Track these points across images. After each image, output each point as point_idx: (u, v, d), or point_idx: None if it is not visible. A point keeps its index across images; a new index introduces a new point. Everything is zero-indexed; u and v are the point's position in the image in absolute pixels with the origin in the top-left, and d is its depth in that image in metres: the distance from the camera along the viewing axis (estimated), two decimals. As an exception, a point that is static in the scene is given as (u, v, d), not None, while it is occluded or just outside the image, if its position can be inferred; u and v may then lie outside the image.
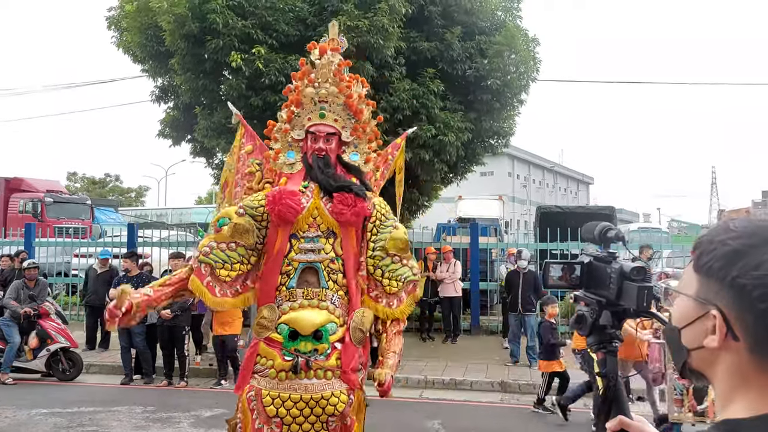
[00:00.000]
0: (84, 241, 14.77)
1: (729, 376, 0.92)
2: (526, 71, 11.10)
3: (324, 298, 3.25)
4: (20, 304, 8.67)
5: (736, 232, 0.93)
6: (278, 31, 9.20)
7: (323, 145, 3.50)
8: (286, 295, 3.26)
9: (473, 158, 12.20)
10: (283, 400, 3.09)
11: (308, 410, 3.09)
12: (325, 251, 3.31)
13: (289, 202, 3.29)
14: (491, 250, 12.77)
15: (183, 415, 7.10)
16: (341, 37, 3.81)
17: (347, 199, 3.34)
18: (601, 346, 1.42)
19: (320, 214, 3.37)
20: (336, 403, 3.12)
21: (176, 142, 12.08)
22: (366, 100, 3.71)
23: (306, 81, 3.60)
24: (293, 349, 3.14)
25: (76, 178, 47.92)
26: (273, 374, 3.14)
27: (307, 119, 3.58)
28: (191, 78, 9.65)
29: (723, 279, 0.91)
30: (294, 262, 3.29)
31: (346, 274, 3.33)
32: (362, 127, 3.65)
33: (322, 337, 3.15)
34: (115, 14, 11.25)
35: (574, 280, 1.45)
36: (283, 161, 3.60)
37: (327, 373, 3.15)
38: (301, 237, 3.32)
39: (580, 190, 66.98)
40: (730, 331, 0.90)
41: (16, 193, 21.36)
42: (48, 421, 6.75)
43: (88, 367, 9.20)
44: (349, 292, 3.33)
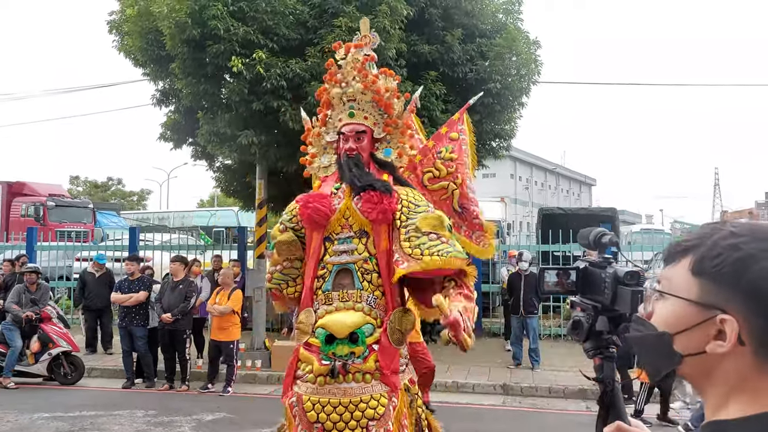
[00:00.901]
0: (86, 244, 14.78)
1: (726, 381, 0.91)
2: (528, 74, 11.09)
3: (359, 299, 3.19)
4: (22, 308, 8.68)
5: (746, 236, 0.91)
6: (279, 35, 9.20)
7: (353, 144, 3.44)
8: (322, 299, 3.24)
9: (474, 161, 12.20)
10: (323, 405, 3.06)
11: (348, 415, 3.05)
12: (358, 251, 3.26)
13: (317, 205, 3.28)
14: (493, 252, 12.75)
15: (185, 419, 7.09)
16: (373, 33, 3.75)
17: (372, 197, 3.27)
18: (597, 351, 1.41)
19: (352, 214, 3.32)
20: (375, 407, 3.07)
21: (177, 145, 12.10)
22: (396, 93, 3.60)
23: (333, 82, 3.56)
24: (330, 352, 3.10)
25: (79, 182, 48.07)
26: (312, 379, 3.11)
27: (338, 120, 3.55)
28: (192, 82, 9.65)
29: (736, 284, 0.88)
30: (328, 265, 3.26)
31: (381, 273, 3.25)
32: (394, 121, 3.56)
33: (358, 340, 3.10)
34: (117, 18, 11.26)
35: (569, 285, 1.45)
36: (318, 165, 3.60)
37: (366, 376, 3.10)
38: (335, 239, 3.30)
39: (582, 191, 66.93)
40: (737, 336, 0.88)
41: (18, 197, 21.43)
42: (50, 426, 6.75)
43: (89, 371, 9.20)
44: (385, 291, 3.25)
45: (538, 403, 8.13)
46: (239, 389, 8.57)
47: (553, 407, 7.95)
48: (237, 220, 23.93)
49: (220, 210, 31.12)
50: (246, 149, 9.42)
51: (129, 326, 8.72)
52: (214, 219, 26.87)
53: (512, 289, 9.86)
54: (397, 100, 3.58)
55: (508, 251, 11.73)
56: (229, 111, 9.60)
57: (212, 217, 27.77)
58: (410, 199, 3.35)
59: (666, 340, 0.96)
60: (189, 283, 8.77)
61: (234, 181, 12.91)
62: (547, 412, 7.79)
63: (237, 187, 13.04)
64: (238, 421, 7.13)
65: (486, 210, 17.11)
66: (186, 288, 8.63)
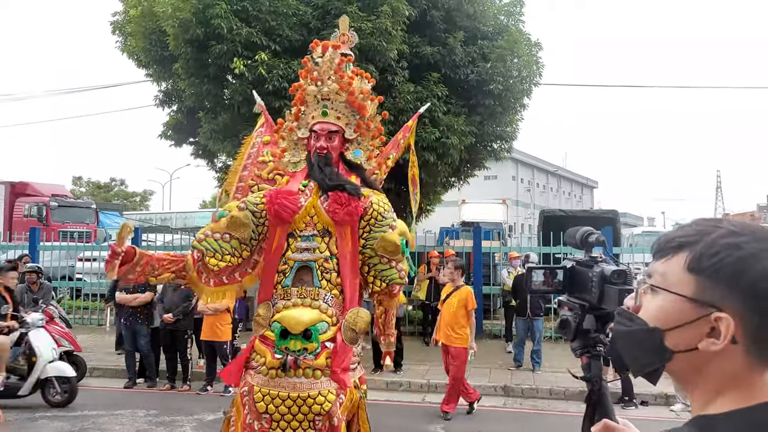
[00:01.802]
0: (88, 245, 14.83)
1: (716, 378, 0.91)
2: (529, 75, 11.12)
3: (317, 297, 3.26)
4: (24, 308, 8.70)
5: (747, 236, 0.90)
6: (281, 35, 9.24)
7: (325, 143, 3.49)
8: (281, 294, 3.29)
9: (476, 162, 12.22)
10: (273, 397, 3.12)
11: (296, 408, 3.11)
12: (320, 250, 3.33)
13: (285, 201, 3.31)
14: (494, 254, 12.76)
15: (186, 419, 7.11)
16: (351, 32, 3.80)
17: (341, 198, 3.33)
18: (585, 350, 1.42)
19: (317, 212, 3.38)
20: (323, 402, 3.13)
21: (178, 144, 12.15)
22: (371, 95, 3.68)
23: (309, 79, 3.60)
24: (283, 347, 3.16)
25: (82, 183, 48.20)
26: (264, 371, 3.17)
27: (311, 117, 3.59)
28: (195, 83, 9.71)
29: (736, 283, 0.88)
30: (290, 261, 3.31)
31: (341, 273, 3.33)
32: (366, 123, 3.62)
33: (311, 336, 3.16)
34: (120, 19, 11.33)
35: (556, 284, 1.46)
36: (288, 160, 3.62)
37: (316, 372, 3.16)
38: (298, 236, 3.34)
39: (584, 194, 66.81)
40: None
41: (21, 197, 21.49)
42: (51, 425, 6.77)
43: (91, 370, 9.22)
44: (343, 291, 3.33)
45: (539, 405, 8.13)
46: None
47: (554, 409, 7.95)
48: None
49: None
50: None
51: (134, 325, 8.75)
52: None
53: (518, 291, 9.78)
54: (371, 103, 3.64)
55: (509, 253, 11.73)
56: (231, 111, 9.64)
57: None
58: (379, 209, 3.44)
59: (657, 336, 0.94)
60: (190, 283, 8.79)
61: (236, 181, 12.94)
62: (548, 414, 7.79)
63: (239, 187, 13.07)
64: (238, 421, 7.15)
65: (488, 212, 17.10)
66: (187, 288, 8.64)
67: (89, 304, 13.31)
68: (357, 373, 3.43)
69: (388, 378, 8.92)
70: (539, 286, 1.47)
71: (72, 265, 14.27)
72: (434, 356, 10.46)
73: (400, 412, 7.67)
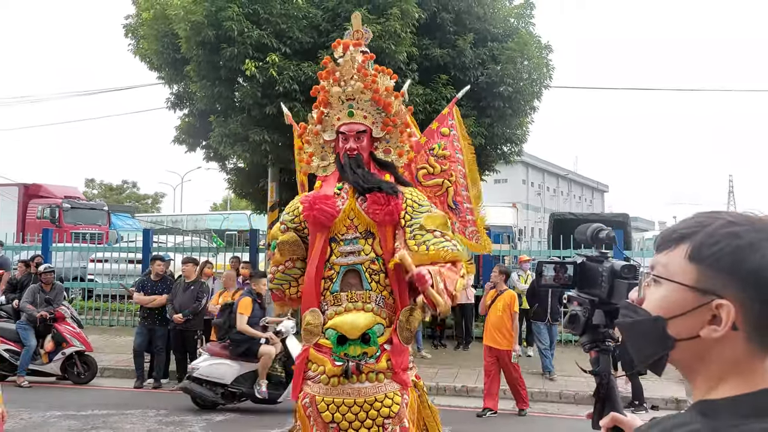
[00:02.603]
0: (100, 246, 14.94)
1: (718, 365, 0.92)
2: (539, 78, 11.10)
3: (368, 300, 3.22)
4: (36, 308, 8.79)
5: (745, 225, 0.93)
6: (292, 38, 9.29)
7: (354, 144, 3.44)
8: (330, 300, 3.26)
9: (486, 164, 12.20)
10: (338, 405, 3.09)
11: (363, 414, 3.08)
12: (365, 252, 3.29)
13: (324, 206, 3.28)
14: (504, 258, 12.73)
15: (195, 419, 7.14)
16: (365, 28, 3.78)
17: (379, 198, 3.29)
18: (594, 345, 1.43)
19: (356, 215, 3.34)
20: (390, 405, 3.11)
21: (191, 148, 12.22)
22: (394, 92, 3.61)
23: (331, 80, 3.54)
24: (343, 353, 3.13)
25: (94, 185, 48.55)
26: (325, 380, 3.14)
27: (336, 119, 3.53)
28: (206, 85, 9.77)
29: (735, 271, 0.90)
30: (335, 266, 3.28)
31: (388, 274, 3.28)
32: (392, 120, 3.55)
33: (370, 340, 3.14)
34: (132, 22, 11.42)
35: (566, 279, 1.46)
36: (317, 164, 3.58)
37: (379, 376, 3.14)
38: (340, 240, 3.31)
39: (594, 198, 66.53)
40: None
41: (34, 198, 21.66)
42: (62, 424, 6.82)
43: (102, 370, 9.29)
44: (393, 291, 3.28)
45: (548, 409, 8.10)
46: (249, 390, 8.60)
47: (564, 412, 7.91)
48: (249, 223, 24.05)
49: (233, 213, 31.28)
50: (257, 147, 9.49)
51: (151, 326, 8.81)
52: (227, 222, 27.01)
53: (535, 295, 9.45)
54: (396, 99, 3.56)
55: (519, 256, 11.70)
56: (242, 113, 9.68)
57: (225, 221, 27.92)
58: (414, 198, 3.38)
59: (660, 325, 0.96)
60: (201, 284, 8.85)
61: (246, 183, 13.01)
62: (557, 418, 7.76)
63: (249, 189, 13.13)
64: (247, 422, 7.18)
65: (497, 215, 17.03)
66: (198, 289, 8.71)
67: (101, 305, 13.40)
68: (413, 371, 3.39)
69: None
70: (549, 280, 1.47)
71: (84, 267, 14.37)
72: (443, 359, 10.45)
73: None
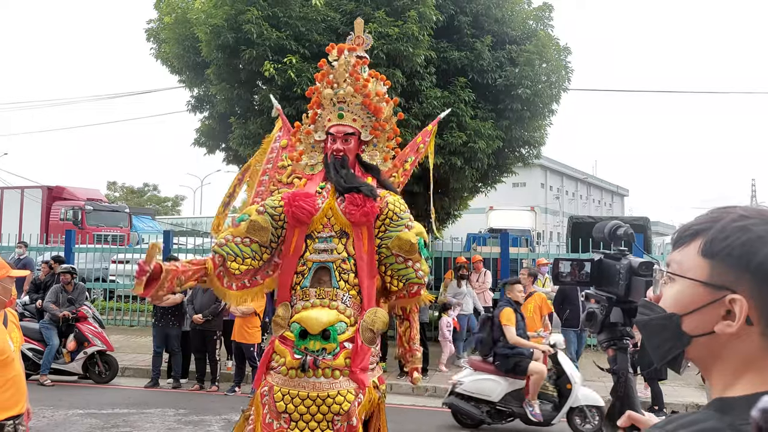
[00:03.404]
0: (122, 247, 15.13)
1: (734, 361, 0.92)
2: (558, 80, 11.04)
3: (335, 298, 3.30)
4: (59, 307, 8.92)
5: (755, 219, 0.92)
6: (310, 41, 9.34)
7: (341, 145, 3.54)
8: (300, 295, 3.34)
9: (504, 167, 12.16)
10: (292, 397, 3.16)
11: (315, 408, 3.15)
12: (338, 251, 3.37)
13: (302, 203, 3.37)
14: (522, 261, 12.67)
15: (214, 419, 7.20)
16: (366, 35, 3.85)
17: (356, 199, 3.38)
18: (611, 343, 1.42)
19: (334, 214, 3.43)
20: (342, 402, 3.16)
21: (211, 150, 12.33)
22: (386, 97, 3.70)
23: (325, 82, 3.65)
24: (303, 347, 3.21)
25: (116, 188, 49.20)
26: (284, 371, 3.22)
27: (327, 120, 3.64)
28: (226, 88, 9.86)
29: (746, 264, 0.89)
30: (308, 262, 3.36)
31: (358, 274, 3.37)
32: (381, 125, 3.66)
33: (330, 336, 3.20)
34: (154, 26, 11.57)
35: (583, 276, 1.46)
36: (306, 163, 3.67)
37: (335, 372, 3.19)
38: (316, 237, 3.40)
39: (614, 201, 65.86)
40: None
41: (58, 201, 21.99)
42: (84, 422, 6.92)
43: (123, 370, 9.41)
44: (361, 291, 3.37)
45: (566, 413, 8.03)
46: (267, 391, 8.66)
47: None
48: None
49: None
50: None
51: (165, 326, 8.90)
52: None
53: (565, 301, 8.90)
54: (386, 105, 3.66)
55: (536, 260, 11.63)
56: (261, 116, 9.76)
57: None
58: (395, 209, 3.47)
59: (675, 322, 0.96)
60: (220, 285, 8.91)
61: (265, 185, 13.08)
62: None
63: (268, 191, 13.20)
64: (265, 422, 7.21)
65: (515, 219, 16.95)
66: (215, 291, 8.77)
67: (122, 305, 13.57)
68: (375, 373, 3.45)
69: (414, 383, 8.90)
70: (565, 277, 1.47)
71: (106, 268, 14.57)
72: (460, 362, 10.40)
73: (425, 417, 7.64)
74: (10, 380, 3.20)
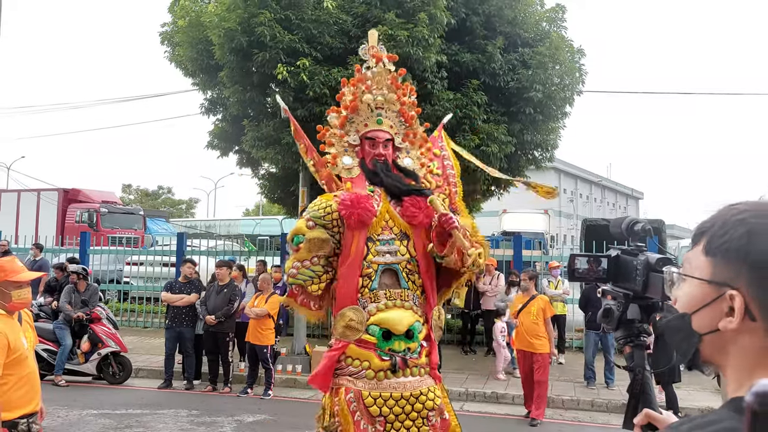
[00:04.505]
0: (136, 249, 15.24)
1: (744, 360, 0.91)
2: (571, 83, 10.96)
3: (406, 299, 3.35)
4: (73, 308, 9.00)
5: (750, 212, 0.92)
6: (323, 43, 9.37)
7: (383, 150, 3.60)
8: (369, 297, 3.34)
9: (516, 170, 12.09)
10: (385, 400, 3.19)
11: (409, 407, 3.20)
12: (401, 253, 3.41)
13: (368, 206, 3.39)
14: (535, 264, 12.59)
15: (226, 420, 7.22)
16: (380, 45, 3.87)
17: (419, 202, 3.44)
18: (628, 340, 1.40)
19: (392, 217, 3.47)
20: (433, 398, 3.26)
21: (224, 153, 12.39)
22: (415, 107, 3.83)
23: (363, 87, 3.68)
24: (388, 348, 3.24)
25: (131, 190, 49.67)
26: (371, 375, 3.24)
27: (363, 125, 3.67)
28: (239, 90, 9.90)
29: (742, 259, 0.89)
30: (373, 264, 3.37)
31: (421, 274, 3.42)
32: (414, 132, 3.75)
33: (413, 336, 3.27)
34: (168, 30, 11.66)
35: (600, 272, 1.44)
36: (342, 166, 3.67)
37: (420, 370, 3.28)
38: (377, 240, 3.41)
39: (629, 205, 65.34)
40: (747, 312, 0.89)
41: (73, 203, 22.22)
42: (97, 422, 6.97)
43: (136, 371, 9.46)
44: (425, 291, 3.43)
45: (579, 417, 7.97)
46: (279, 393, 8.68)
47: (596, 421, 7.78)
48: (281, 228, 24.34)
49: (265, 219, 31.67)
50: (289, 150, 9.55)
51: (179, 327, 8.94)
52: (259, 227, 27.32)
53: (589, 304, 9.02)
54: (416, 114, 3.80)
55: (549, 263, 11.56)
56: (274, 119, 9.79)
57: (257, 226, 28.24)
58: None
59: (687, 321, 0.97)
60: (233, 287, 8.96)
61: (278, 188, 13.14)
62: (589, 426, 7.63)
63: (281, 194, 13.25)
64: (277, 423, 7.23)
65: (529, 221, 16.88)
66: (230, 292, 8.82)
67: (135, 307, 13.66)
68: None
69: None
70: (582, 273, 1.45)
71: (120, 269, 14.70)
72: (473, 365, 10.37)
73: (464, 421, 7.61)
74: (24, 378, 3.22)
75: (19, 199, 22.83)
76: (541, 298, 7.73)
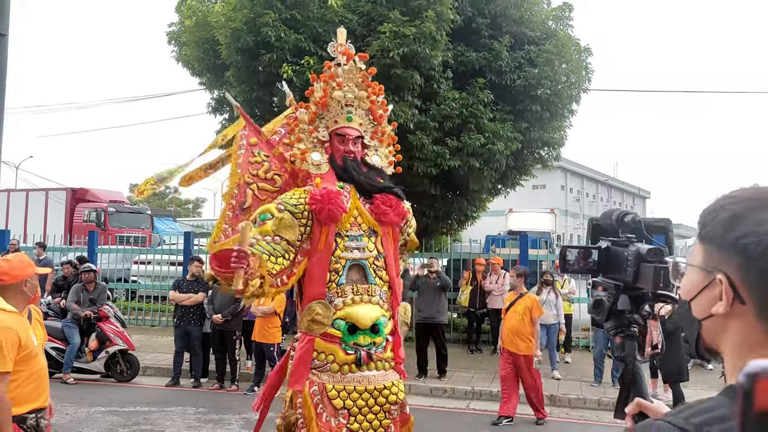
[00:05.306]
0: (143, 248, 15.34)
1: (738, 345, 0.92)
2: (578, 81, 10.94)
3: (373, 294, 3.39)
4: (81, 307, 9.07)
5: (736, 197, 0.94)
6: (328, 42, 9.39)
7: (352, 147, 3.62)
8: (336, 292, 3.36)
9: (523, 169, 12.08)
10: (349, 393, 3.23)
11: (372, 400, 3.25)
12: (369, 249, 3.46)
13: (339, 201, 3.41)
14: (541, 263, 12.59)
15: (233, 417, 7.26)
16: (349, 44, 3.87)
17: (390, 200, 3.51)
18: (619, 330, 1.42)
19: (360, 213, 3.51)
20: (396, 392, 3.31)
21: (231, 152, 12.43)
22: (384, 106, 3.85)
23: (334, 84, 3.67)
24: (353, 343, 3.28)
25: (138, 190, 49.73)
26: (335, 368, 3.27)
27: (333, 122, 3.67)
28: (246, 90, 9.95)
29: (726, 243, 0.91)
30: (341, 260, 3.40)
31: (388, 271, 3.50)
32: (382, 131, 3.79)
33: (378, 331, 3.31)
34: (175, 30, 11.73)
35: (590, 264, 1.46)
36: (311, 161, 3.66)
37: (385, 365, 3.32)
38: (345, 236, 3.44)
39: (635, 204, 65.05)
40: (737, 296, 0.90)
41: (81, 203, 22.35)
42: (105, 420, 7.03)
43: (144, 369, 9.53)
44: (391, 287, 3.50)
45: (586, 415, 7.97)
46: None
47: (602, 420, 7.77)
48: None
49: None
50: None
51: (186, 326, 8.99)
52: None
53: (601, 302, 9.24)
54: (385, 113, 3.83)
55: (555, 261, 11.55)
56: (280, 117, 9.82)
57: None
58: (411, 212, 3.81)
59: (687, 308, 1.00)
60: (240, 285, 8.98)
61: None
62: (595, 425, 7.62)
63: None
64: (283, 421, 7.25)
65: (535, 221, 16.89)
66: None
67: (143, 305, 13.75)
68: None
69: (432, 384, 8.90)
70: (573, 265, 1.48)
71: (128, 268, 14.79)
72: (479, 364, 10.37)
73: (443, 418, 7.63)
74: (33, 374, 3.27)
75: (27, 199, 23.00)
76: (528, 296, 7.40)
